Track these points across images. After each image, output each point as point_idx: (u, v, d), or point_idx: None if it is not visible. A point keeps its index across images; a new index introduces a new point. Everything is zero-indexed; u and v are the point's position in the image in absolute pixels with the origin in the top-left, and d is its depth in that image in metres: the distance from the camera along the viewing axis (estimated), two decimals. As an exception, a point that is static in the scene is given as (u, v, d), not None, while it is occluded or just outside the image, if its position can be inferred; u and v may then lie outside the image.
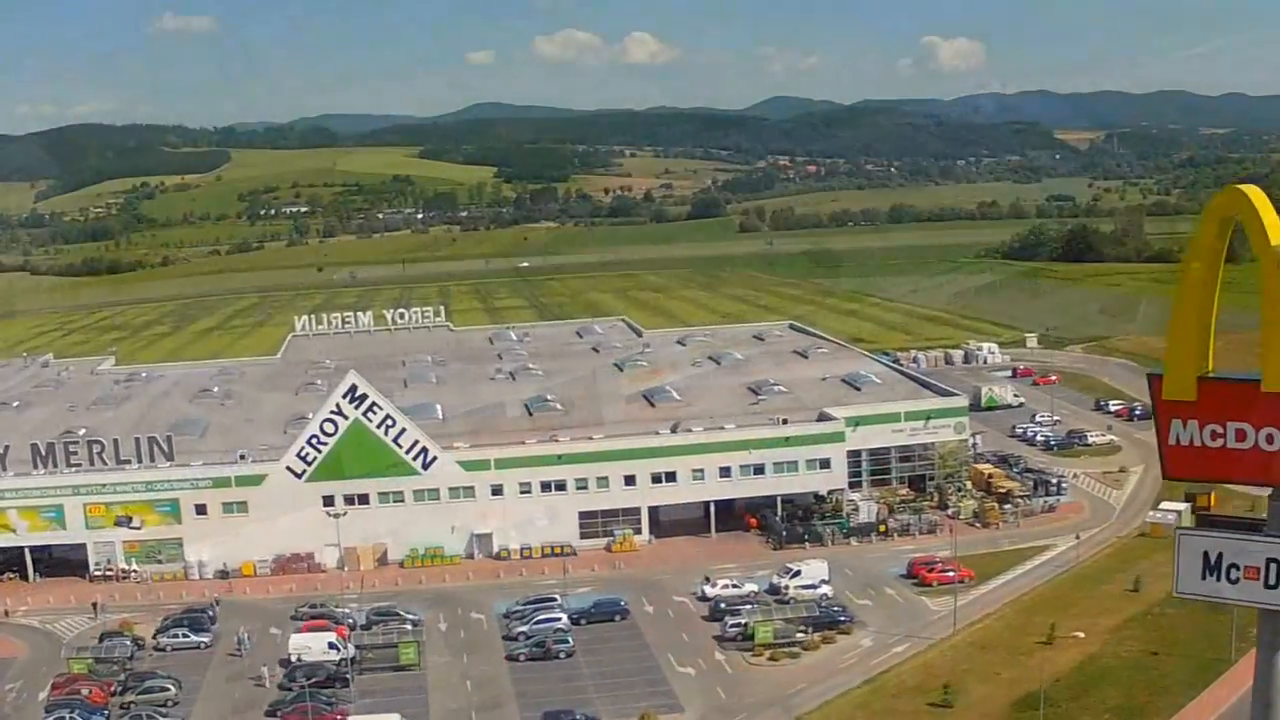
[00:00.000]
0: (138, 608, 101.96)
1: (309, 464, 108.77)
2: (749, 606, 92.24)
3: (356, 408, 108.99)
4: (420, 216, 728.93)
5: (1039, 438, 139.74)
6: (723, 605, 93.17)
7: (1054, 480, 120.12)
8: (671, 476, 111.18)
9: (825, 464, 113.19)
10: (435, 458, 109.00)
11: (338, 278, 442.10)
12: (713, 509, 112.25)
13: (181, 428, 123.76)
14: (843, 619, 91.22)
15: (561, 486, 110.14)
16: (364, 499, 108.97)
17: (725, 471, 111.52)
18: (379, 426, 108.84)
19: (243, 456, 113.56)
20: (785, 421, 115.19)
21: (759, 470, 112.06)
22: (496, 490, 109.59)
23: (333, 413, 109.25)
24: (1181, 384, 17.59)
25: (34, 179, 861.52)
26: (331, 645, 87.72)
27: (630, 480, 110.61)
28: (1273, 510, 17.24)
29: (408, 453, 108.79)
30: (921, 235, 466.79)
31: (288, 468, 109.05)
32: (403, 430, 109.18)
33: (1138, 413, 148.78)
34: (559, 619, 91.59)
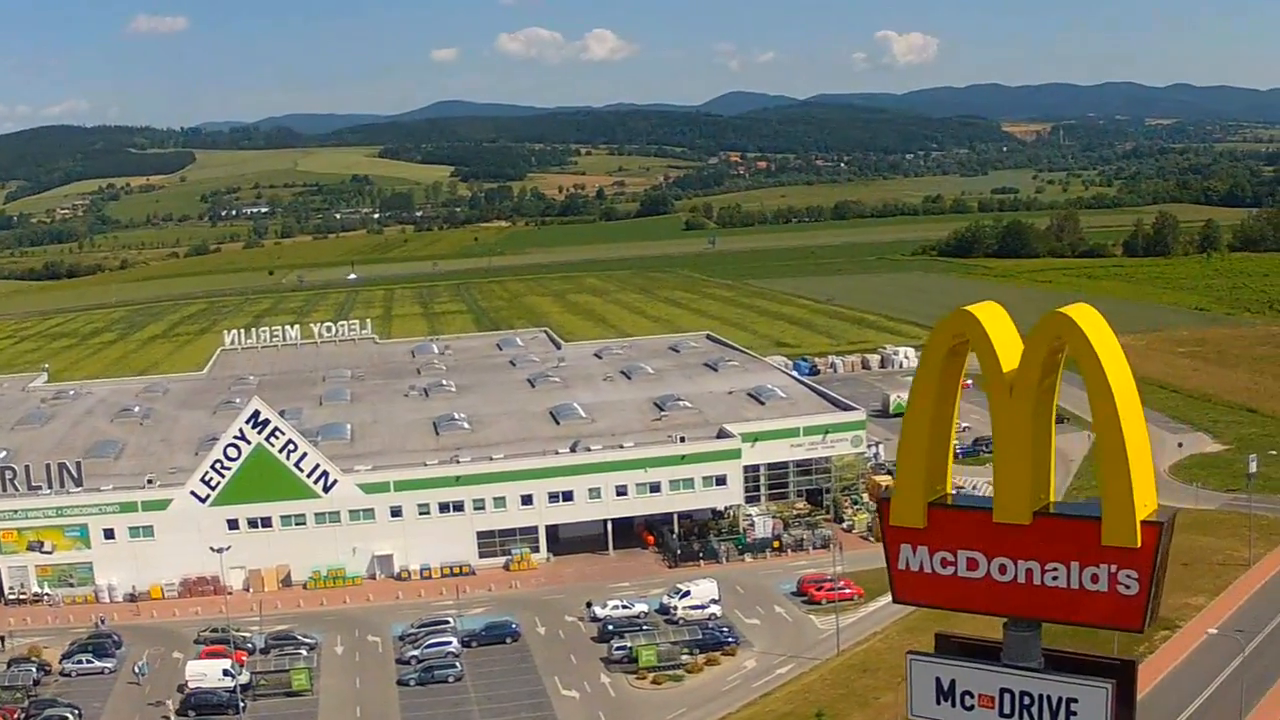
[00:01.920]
0: (49, 632, 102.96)
1: (213, 488, 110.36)
2: (640, 628, 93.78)
3: (259, 433, 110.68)
4: (377, 216, 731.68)
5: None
6: (611, 627, 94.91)
7: (954, 492, 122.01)
8: (568, 495, 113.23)
9: (721, 481, 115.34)
10: (336, 481, 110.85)
11: (286, 281, 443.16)
12: (610, 527, 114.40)
13: (98, 449, 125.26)
14: (729, 640, 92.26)
15: (459, 507, 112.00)
16: (266, 522, 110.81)
17: (622, 490, 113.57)
18: (281, 451, 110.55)
19: (150, 481, 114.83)
20: (683, 439, 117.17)
21: (655, 488, 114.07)
22: (396, 512, 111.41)
23: (236, 438, 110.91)
24: (911, 510, 16.82)
25: (5, 180, 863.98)
26: (226, 672, 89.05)
27: (527, 500, 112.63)
28: (1008, 639, 16.71)
29: (309, 476, 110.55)
30: (863, 232, 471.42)
31: (192, 492, 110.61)
32: (304, 454, 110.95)
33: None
34: (449, 643, 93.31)
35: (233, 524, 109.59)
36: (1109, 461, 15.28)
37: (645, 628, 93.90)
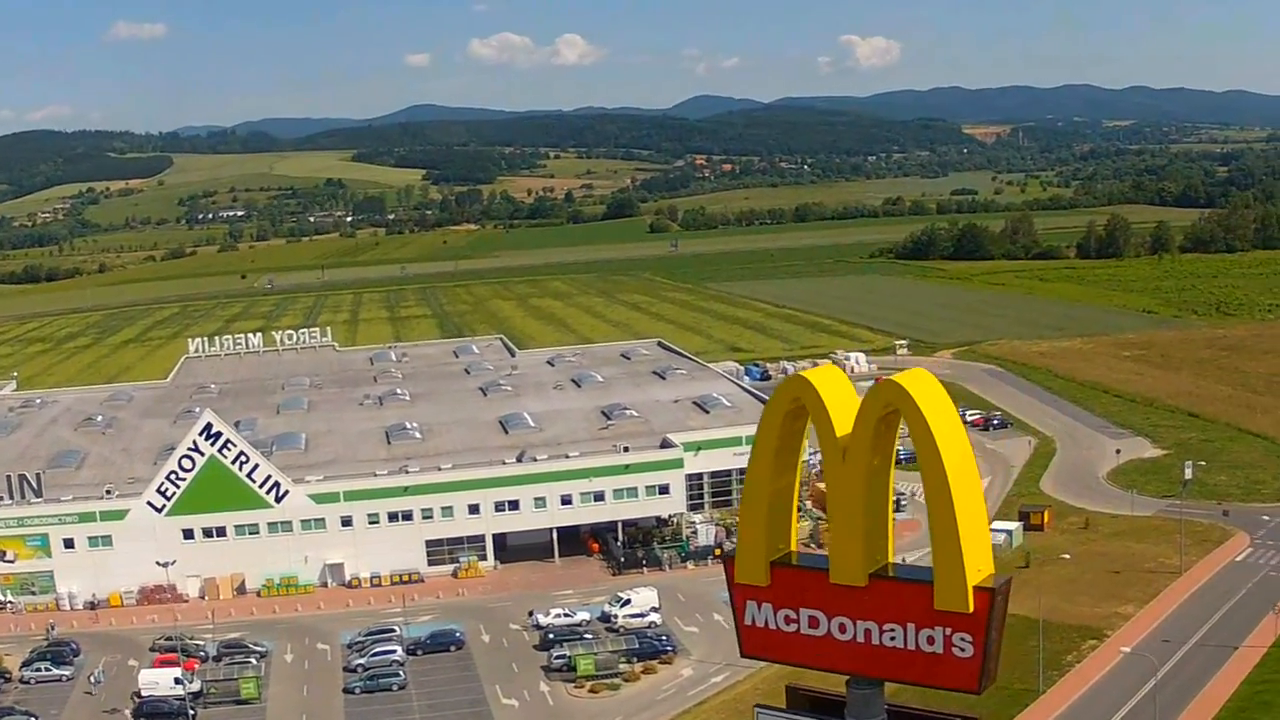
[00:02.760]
0: (10, 639, 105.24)
1: (169, 499, 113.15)
2: (580, 636, 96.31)
3: (212, 444, 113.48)
4: (350, 220, 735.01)
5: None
6: (552, 635, 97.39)
7: (894, 498, 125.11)
8: (515, 504, 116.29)
9: (665, 490, 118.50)
10: (287, 491, 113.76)
11: (258, 285, 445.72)
12: (555, 535, 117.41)
13: (60, 459, 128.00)
14: (667, 648, 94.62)
15: (408, 516, 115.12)
16: (221, 531, 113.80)
17: (567, 499, 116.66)
18: (234, 462, 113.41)
19: (109, 491, 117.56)
20: (626, 449, 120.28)
21: (600, 497, 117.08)
22: (346, 521, 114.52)
23: (190, 449, 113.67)
24: (753, 569, 16.82)
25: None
26: (177, 680, 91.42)
27: (474, 509, 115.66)
28: (851, 696, 16.81)
29: (261, 486, 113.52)
30: (824, 235, 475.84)
31: (149, 503, 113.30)
32: (256, 465, 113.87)
33: (994, 422, 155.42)
34: (394, 651, 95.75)
35: (188, 534, 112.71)
36: (940, 528, 15.49)
37: (585, 636, 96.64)
